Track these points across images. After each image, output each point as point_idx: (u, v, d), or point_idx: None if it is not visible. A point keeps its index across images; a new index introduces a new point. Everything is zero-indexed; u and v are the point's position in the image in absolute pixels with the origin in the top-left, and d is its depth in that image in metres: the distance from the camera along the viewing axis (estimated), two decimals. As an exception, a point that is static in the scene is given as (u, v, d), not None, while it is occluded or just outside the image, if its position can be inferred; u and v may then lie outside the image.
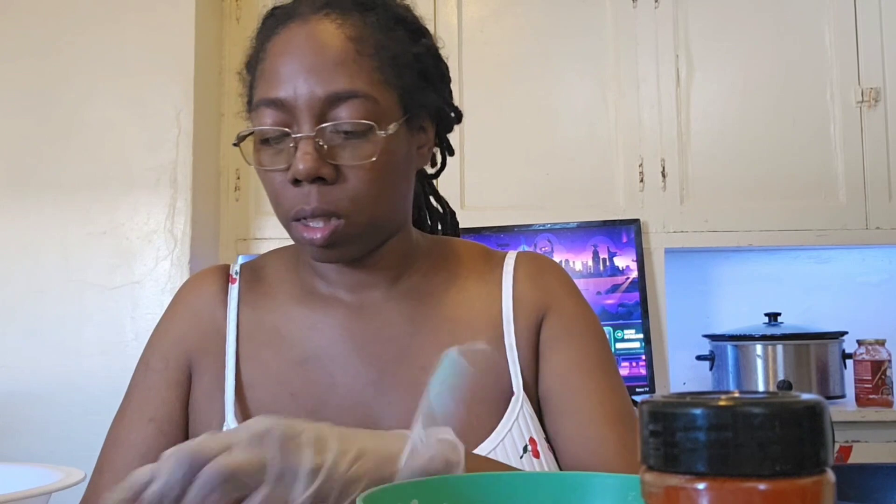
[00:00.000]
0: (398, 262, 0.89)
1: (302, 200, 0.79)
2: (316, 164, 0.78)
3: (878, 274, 2.60)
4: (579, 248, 2.38)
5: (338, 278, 0.88)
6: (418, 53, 0.85)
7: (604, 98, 2.45)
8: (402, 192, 0.86)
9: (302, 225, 0.80)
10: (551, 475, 0.64)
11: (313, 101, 0.78)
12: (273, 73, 0.81)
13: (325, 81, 0.78)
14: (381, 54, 0.81)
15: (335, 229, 0.80)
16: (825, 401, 0.34)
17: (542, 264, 0.93)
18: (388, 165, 0.81)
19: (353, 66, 0.79)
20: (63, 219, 2.22)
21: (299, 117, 0.79)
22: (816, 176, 2.40)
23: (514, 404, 0.85)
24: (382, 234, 0.85)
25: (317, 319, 0.88)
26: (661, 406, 0.35)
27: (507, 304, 0.89)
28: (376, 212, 0.82)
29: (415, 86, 0.84)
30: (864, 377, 2.27)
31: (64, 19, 2.27)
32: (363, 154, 0.79)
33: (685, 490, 0.33)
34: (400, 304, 0.88)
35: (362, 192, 0.80)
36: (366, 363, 0.86)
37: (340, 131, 0.79)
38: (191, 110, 2.24)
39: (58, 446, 2.10)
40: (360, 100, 0.79)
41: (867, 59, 2.41)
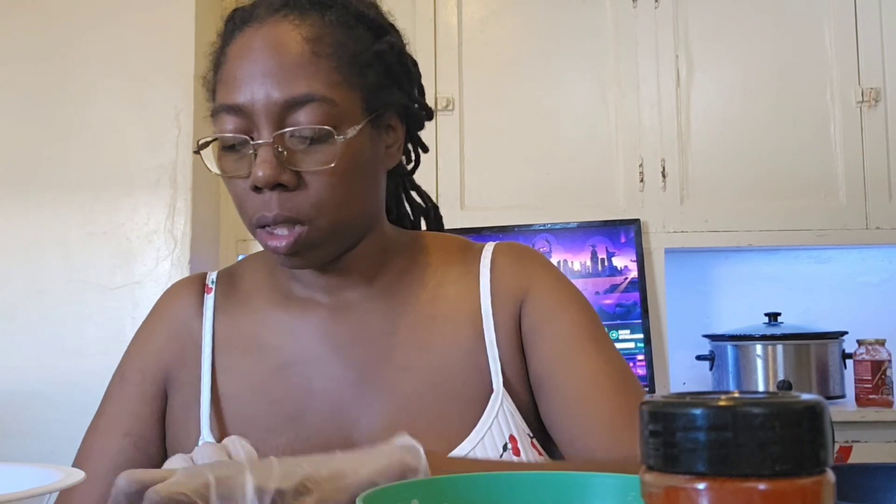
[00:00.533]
0: (373, 262, 0.88)
1: (263, 207, 0.78)
2: (275, 172, 0.76)
3: (878, 274, 2.60)
4: (578, 249, 2.38)
5: (313, 280, 0.87)
6: (380, 51, 0.83)
7: (604, 98, 2.45)
8: (368, 194, 0.84)
9: (266, 233, 0.79)
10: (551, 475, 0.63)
11: (270, 106, 0.77)
12: (231, 77, 0.80)
13: (282, 86, 0.77)
14: (339, 53, 0.79)
15: (299, 236, 0.78)
16: (825, 401, 0.34)
17: (518, 253, 0.91)
18: (351, 169, 0.79)
19: (310, 69, 0.78)
20: (63, 219, 2.22)
21: (258, 123, 0.78)
22: (816, 176, 2.40)
23: (494, 402, 0.83)
24: (351, 237, 0.84)
25: (295, 324, 0.87)
26: (661, 406, 0.35)
27: (485, 299, 0.87)
28: (340, 216, 0.80)
29: (378, 84, 0.83)
30: (864, 377, 2.27)
31: (64, 20, 2.27)
32: (323, 159, 0.77)
33: (685, 490, 0.33)
34: (378, 303, 0.87)
35: (325, 197, 0.78)
36: (345, 365, 0.84)
37: (299, 137, 0.77)
38: (191, 110, 2.24)
39: (58, 446, 2.09)
40: (318, 103, 0.77)
41: (867, 59, 2.41)
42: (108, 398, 0.90)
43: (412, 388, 0.83)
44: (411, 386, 0.83)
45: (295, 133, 0.77)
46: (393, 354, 0.85)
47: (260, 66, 0.78)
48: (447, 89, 2.41)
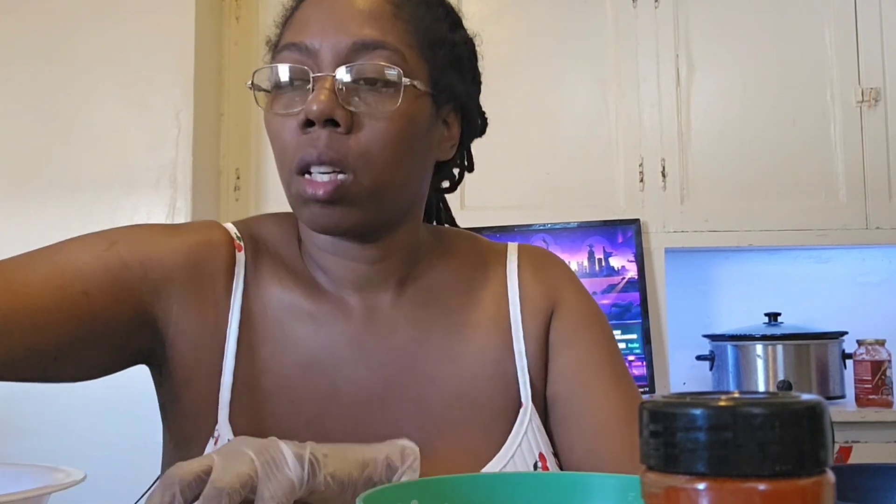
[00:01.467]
0: (406, 259, 0.83)
1: (309, 145, 0.73)
2: (331, 105, 0.72)
3: (878, 274, 2.60)
4: (575, 249, 2.38)
5: (343, 274, 0.81)
6: (454, 39, 0.82)
7: (604, 98, 2.45)
8: (415, 171, 0.79)
9: (307, 180, 0.73)
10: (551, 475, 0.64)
11: (338, 46, 0.74)
12: (301, 21, 0.77)
13: (355, 28, 0.74)
14: (416, 22, 0.77)
15: (340, 184, 0.73)
16: (825, 401, 0.34)
17: (545, 260, 0.89)
18: (408, 128, 0.75)
19: (386, 22, 0.75)
20: (64, 218, 2.22)
21: (321, 61, 0.74)
22: (817, 176, 2.40)
23: (523, 416, 0.80)
24: (388, 211, 0.78)
25: (323, 320, 0.80)
26: (661, 406, 0.35)
27: (513, 306, 0.84)
28: (383, 178, 0.75)
29: (445, 68, 0.80)
30: (864, 377, 2.27)
31: (64, 20, 2.27)
32: (383, 104, 0.74)
33: (685, 490, 0.33)
34: (408, 309, 0.82)
35: (375, 147, 0.73)
36: (372, 374, 0.79)
37: (363, 78, 0.74)
38: (191, 110, 2.24)
39: (58, 446, 2.10)
40: (388, 52, 0.74)
41: (867, 59, 2.41)
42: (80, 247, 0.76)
43: (439, 401, 0.79)
44: (438, 398, 0.80)
45: (360, 72, 0.73)
46: (421, 364, 0.81)
47: (336, 12, 0.75)
48: (447, 89, 2.42)
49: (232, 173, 2.46)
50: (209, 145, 2.38)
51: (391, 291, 0.83)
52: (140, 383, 2.24)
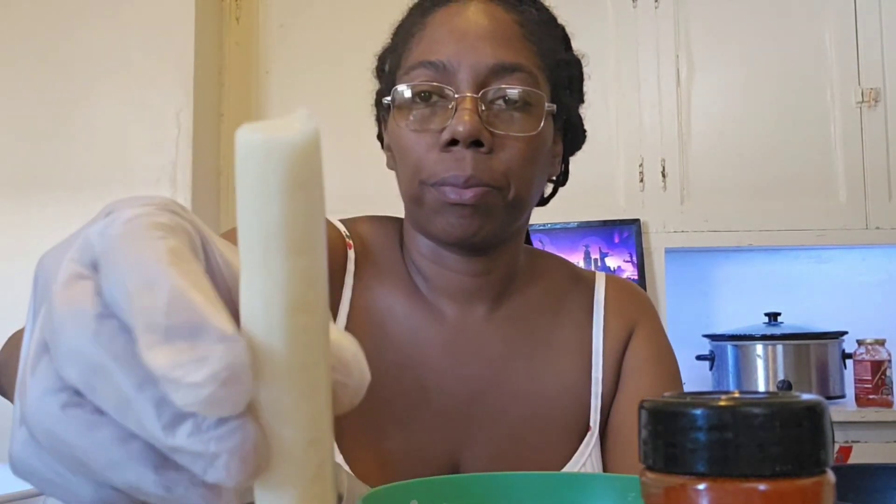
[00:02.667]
0: (505, 275, 0.84)
1: (454, 166, 0.73)
2: (478, 126, 0.73)
3: (878, 274, 2.60)
4: (571, 249, 2.38)
5: (444, 284, 0.83)
6: (570, 60, 0.85)
7: (604, 98, 2.45)
8: (540, 186, 0.82)
9: (447, 188, 0.74)
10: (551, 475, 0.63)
11: (478, 67, 0.75)
12: (434, 39, 0.77)
13: (492, 51, 0.75)
14: (541, 44, 0.79)
15: (486, 194, 0.74)
16: (825, 401, 0.34)
17: (630, 293, 0.91)
18: (540, 147, 0.78)
19: (520, 45, 0.77)
20: (64, 219, 2.22)
21: (460, 81, 0.75)
22: (816, 176, 2.40)
23: (589, 440, 0.82)
24: (516, 223, 0.81)
25: (420, 325, 0.82)
26: (660, 406, 0.35)
27: (597, 336, 0.86)
28: (522, 194, 0.77)
29: (562, 88, 0.82)
30: (864, 377, 2.27)
31: (64, 19, 2.27)
32: (526, 125, 0.75)
33: (685, 491, 0.33)
34: (500, 324, 0.84)
35: (516, 166, 0.75)
36: (461, 383, 0.81)
37: (502, 99, 0.75)
38: (191, 110, 2.24)
39: (58, 446, 2.10)
40: (525, 74, 0.76)
41: (867, 60, 2.41)
42: None
43: (520, 415, 0.81)
44: (519, 412, 0.82)
45: (500, 93, 0.75)
46: (507, 380, 0.82)
47: (472, 29, 0.76)
48: (447, 89, 2.42)
49: (232, 173, 2.46)
50: (209, 145, 2.38)
51: (486, 306, 0.84)
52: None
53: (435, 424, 0.80)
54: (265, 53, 2.48)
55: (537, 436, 0.81)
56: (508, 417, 0.81)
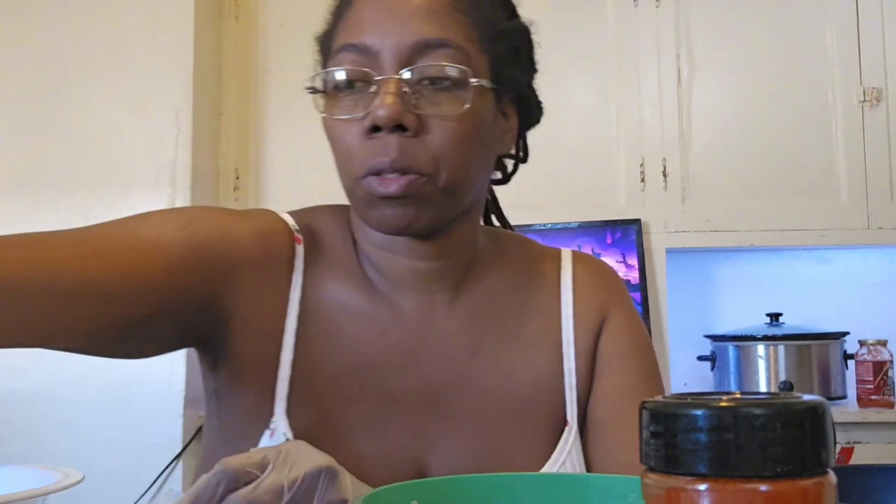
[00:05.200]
0: (464, 258, 0.81)
1: (380, 152, 0.70)
2: (399, 109, 0.69)
3: (879, 274, 2.59)
4: None
5: (399, 274, 0.79)
6: (513, 28, 0.80)
7: (605, 98, 2.45)
8: (481, 167, 0.77)
9: (376, 178, 0.71)
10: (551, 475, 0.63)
11: (400, 46, 0.71)
12: (358, 19, 0.73)
13: (417, 27, 0.71)
14: (476, 14, 0.75)
15: (412, 182, 0.70)
16: (827, 402, 0.34)
17: (598, 272, 0.88)
18: (475, 127, 0.73)
19: (448, 18, 0.73)
20: (63, 218, 2.22)
21: (383, 62, 0.71)
22: (818, 176, 2.40)
23: (568, 434, 0.80)
24: (456, 209, 0.76)
25: (380, 322, 0.79)
26: (662, 407, 0.35)
27: (566, 324, 0.83)
28: (457, 178, 0.73)
29: (505, 59, 0.77)
30: (866, 378, 2.27)
31: (63, 19, 2.27)
32: (452, 106, 0.71)
33: (686, 491, 0.33)
34: (463, 318, 0.81)
35: (446, 149, 0.71)
36: (425, 381, 0.79)
37: (427, 78, 0.71)
38: (190, 110, 2.24)
39: (58, 446, 2.10)
40: (453, 50, 0.71)
41: (869, 59, 2.41)
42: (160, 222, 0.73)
43: (489, 413, 0.79)
44: (489, 410, 0.79)
45: (425, 72, 0.71)
46: (473, 376, 0.80)
47: (394, 8, 0.72)
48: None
49: (231, 173, 2.46)
50: (208, 145, 2.38)
51: (447, 294, 0.81)
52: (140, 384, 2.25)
53: (401, 425, 0.77)
54: (264, 53, 2.48)
55: (510, 431, 0.79)
56: (477, 414, 0.79)
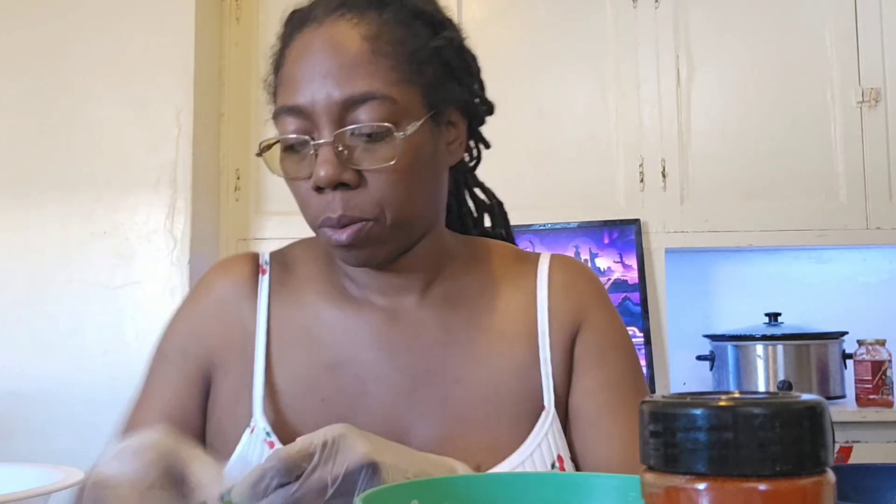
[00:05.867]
0: (430, 265, 0.87)
1: (327, 209, 0.78)
2: (336, 171, 0.76)
3: (878, 274, 2.59)
4: (560, 250, 2.37)
5: (368, 281, 0.86)
6: (439, 47, 0.83)
7: (604, 98, 2.45)
8: (430, 191, 0.84)
9: (329, 228, 0.79)
10: (551, 475, 0.64)
11: (330, 105, 0.77)
12: (291, 79, 0.80)
13: (341, 85, 0.77)
14: (398, 51, 0.79)
15: (360, 230, 0.78)
16: (825, 401, 0.34)
17: (576, 273, 0.91)
18: (412, 166, 0.79)
19: (369, 67, 0.78)
20: (63, 219, 2.22)
21: (318, 123, 0.77)
22: (817, 176, 2.40)
23: (544, 419, 0.83)
24: (412, 236, 0.83)
25: (348, 323, 0.85)
26: (661, 406, 0.35)
27: (542, 316, 0.87)
28: (403, 214, 0.80)
29: (438, 81, 0.82)
30: (865, 377, 2.27)
31: (64, 20, 2.27)
32: (384, 156, 0.77)
33: (685, 490, 0.33)
34: (434, 311, 0.86)
35: (387, 195, 0.78)
36: (398, 372, 0.84)
37: (360, 135, 0.77)
38: (191, 110, 2.24)
39: (58, 446, 2.09)
40: (378, 101, 0.77)
41: (867, 60, 2.41)
42: (150, 377, 0.88)
43: (465, 401, 0.83)
44: (464, 398, 0.83)
45: (355, 131, 0.77)
46: (446, 366, 0.84)
47: (319, 67, 0.78)
48: (447, 89, 2.41)
49: (232, 174, 2.46)
50: (209, 146, 2.38)
51: (416, 294, 0.87)
52: (140, 383, 2.19)
53: (377, 416, 0.82)
54: (265, 54, 2.47)
55: (488, 419, 0.82)
56: (451, 402, 0.83)
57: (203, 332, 0.88)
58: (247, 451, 0.80)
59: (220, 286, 0.90)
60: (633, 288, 2.37)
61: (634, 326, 2.35)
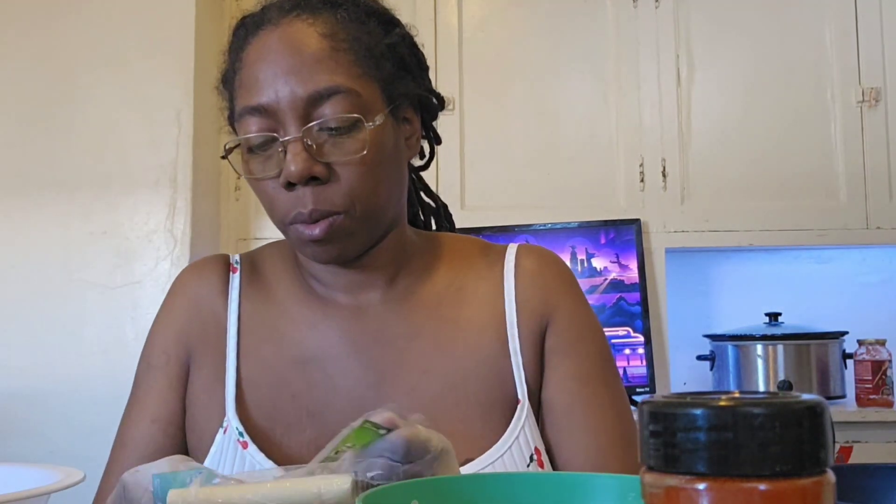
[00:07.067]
0: (393, 261, 0.87)
1: (298, 204, 0.79)
2: (308, 165, 0.77)
3: (878, 274, 2.59)
4: (556, 250, 2.36)
5: (333, 280, 0.87)
6: (392, 44, 0.85)
7: (604, 98, 2.45)
8: (395, 184, 0.85)
9: (300, 224, 0.80)
10: (551, 475, 0.64)
11: (296, 101, 0.78)
12: (252, 80, 0.80)
13: (306, 81, 0.78)
14: (356, 47, 0.81)
15: (332, 223, 0.79)
16: (825, 401, 0.34)
17: (543, 261, 0.91)
18: (379, 157, 0.80)
19: (331, 63, 0.79)
20: (63, 219, 2.22)
21: (284, 120, 0.78)
22: (817, 176, 2.40)
23: (520, 412, 0.83)
24: (380, 229, 0.84)
25: (315, 320, 0.87)
26: (661, 406, 0.35)
27: (510, 307, 0.87)
28: (372, 205, 0.81)
29: (394, 76, 0.84)
30: (865, 377, 2.27)
31: (64, 19, 2.27)
32: (353, 149, 0.78)
33: (685, 490, 0.33)
34: (398, 305, 0.87)
35: (356, 186, 0.79)
36: (365, 366, 0.85)
37: (327, 128, 0.78)
38: (191, 110, 2.24)
39: (58, 446, 2.10)
40: (343, 94, 0.78)
41: (868, 59, 2.41)
42: (137, 384, 0.90)
43: (433, 392, 0.83)
44: (432, 389, 0.83)
45: (323, 125, 0.78)
46: (413, 358, 0.85)
47: (281, 65, 0.79)
48: (447, 89, 2.41)
49: (232, 173, 2.46)
50: (209, 145, 2.38)
51: (379, 290, 0.88)
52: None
53: (346, 410, 0.82)
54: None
55: (458, 410, 0.82)
56: (421, 393, 0.83)
57: (181, 332, 0.89)
58: (220, 452, 0.82)
59: (193, 285, 0.92)
60: (630, 288, 2.37)
61: (629, 326, 2.35)
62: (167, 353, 0.89)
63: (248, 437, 0.81)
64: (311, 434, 0.82)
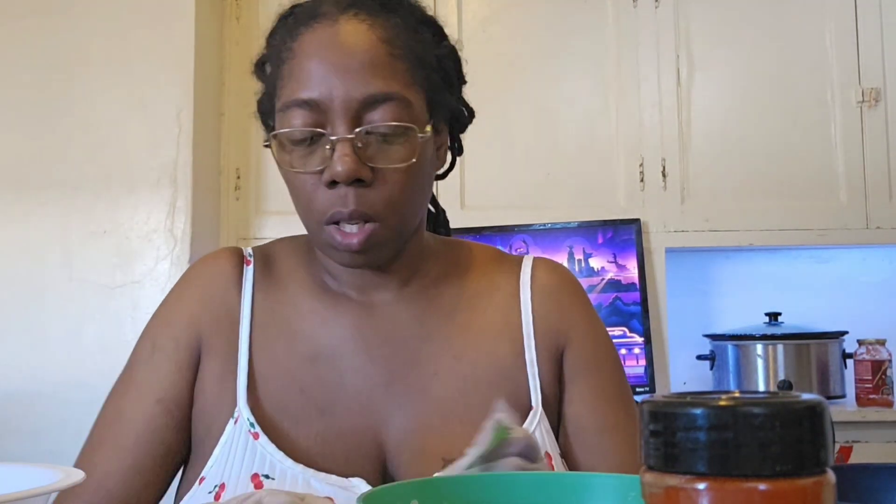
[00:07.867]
0: (410, 264, 0.88)
1: (338, 203, 0.78)
2: (356, 167, 0.77)
3: (878, 273, 2.59)
4: (554, 249, 2.37)
5: (348, 278, 0.87)
6: (441, 55, 0.85)
7: (604, 98, 2.45)
8: (425, 194, 0.86)
9: (336, 229, 0.80)
10: (551, 475, 0.63)
11: (350, 102, 0.78)
12: (304, 73, 0.79)
13: (361, 83, 0.78)
14: (409, 56, 0.81)
15: (370, 234, 0.79)
16: (825, 401, 0.34)
17: (559, 277, 0.92)
18: (421, 168, 0.81)
19: (388, 69, 0.79)
20: (64, 218, 2.22)
21: (334, 119, 0.78)
22: (817, 176, 2.40)
23: (532, 418, 0.84)
24: (404, 238, 0.85)
25: (327, 316, 0.87)
26: (661, 406, 0.35)
27: (526, 318, 0.88)
28: (408, 215, 0.82)
29: (438, 88, 0.84)
30: (865, 377, 2.27)
31: (64, 19, 2.27)
32: (401, 157, 0.79)
33: (685, 490, 0.33)
34: (410, 306, 0.87)
35: (397, 194, 0.79)
36: (375, 365, 0.85)
37: (376, 133, 0.78)
38: (191, 109, 2.24)
39: (58, 446, 2.09)
40: (396, 102, 0.78)
41: (868, 59, 2.41)
42: (137, 364, 0.88)
43: (443, 393, 0.84)
44: (442, 391, 0.84)
45: (374, 130, 0.78)
46: (424, 359, 0.85)
47: (337, 63, 0.78)
48: (447, 89, 2.41)
49: (232, 173, 2.46)
50: (210, 145, 2.38)
51: (393, 290, 0.88)
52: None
53: (354, 406, 0.83)
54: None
55: (466, 411, 0.83)
56: (429, 394, 0.84)
57: (193, 320, 0.88)
58: (231, 441, 0.82)
59: (207, 274, 0.91)
60: (626, 288, 2.37)
61: (625, 326, 2.35)
62: (176, 339, 0.88)
63: (259, 428, 0.81)
64: (318, 428, 0.82)
